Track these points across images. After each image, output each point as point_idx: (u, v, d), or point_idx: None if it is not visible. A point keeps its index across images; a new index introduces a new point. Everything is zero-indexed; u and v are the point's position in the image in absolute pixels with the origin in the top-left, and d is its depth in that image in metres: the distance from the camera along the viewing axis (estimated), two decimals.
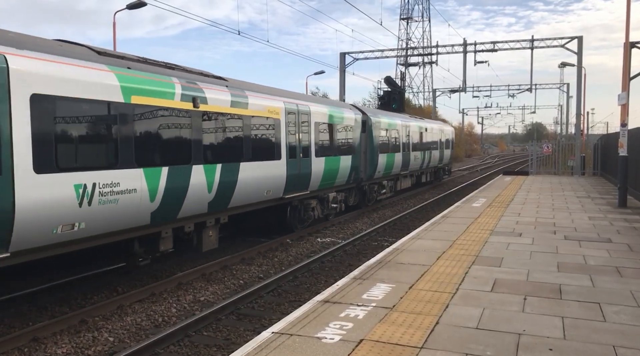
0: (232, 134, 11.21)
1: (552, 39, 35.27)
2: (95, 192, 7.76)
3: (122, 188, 8.25)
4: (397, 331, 5.43)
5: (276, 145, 12.93)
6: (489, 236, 10.80)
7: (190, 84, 10.07)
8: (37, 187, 6.91)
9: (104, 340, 7.38)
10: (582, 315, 5.94)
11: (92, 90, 7.78)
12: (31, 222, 6.87)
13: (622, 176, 15.92)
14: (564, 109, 69.27)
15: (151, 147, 8.91)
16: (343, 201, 18.08)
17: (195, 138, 9.98)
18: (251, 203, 12.21)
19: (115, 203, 8.14)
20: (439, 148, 30.76)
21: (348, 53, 40.18)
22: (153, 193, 8.88)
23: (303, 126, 14.34)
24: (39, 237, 7.08)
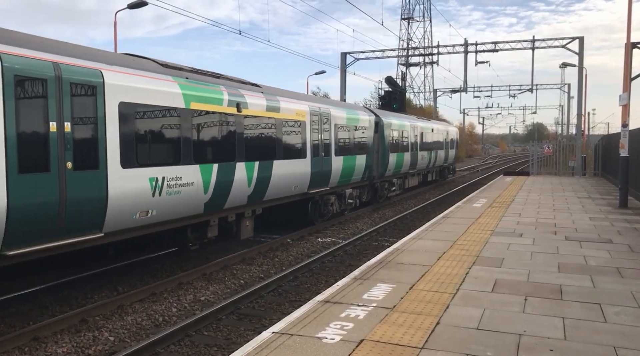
0: (267, 135, 12.63)
1: (553, 39, 35.28)
2: (164, 184, 9.21)
3: (183, 182, 9.70)
4: (398, 332, 5.42)
5: (302, 145, 14.34)
6: (489, 236, 10.80)
7: (234, 91, 11.54)
8: (123, 180, 8.34)
9: (104, 340, 7.38)
10: (583, 316, 5.93)
11: (162, 98, 9.26)
12: (119, 208, 8.26)
13: (623, 176, 15.91)
14: (565, 110, 69.31)
15: (205, 146, 10.37)
16: (358, 197, 19.21)
17: (238, 138, 11.41)
18: (281, 197, 13.57)
19: (179, 194, 9.59)
20: (444, 148, 31.90)
21: (349, 53, 40.19)
22: (206, 186, 10.31)
23: (325, 127, 15.68)
24: (123, 221, 8.47)
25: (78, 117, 7.63)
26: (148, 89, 8.97)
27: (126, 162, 8.40)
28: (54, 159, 7.22)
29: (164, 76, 9.56)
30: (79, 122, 7.65)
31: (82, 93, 7.70)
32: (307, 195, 14.88)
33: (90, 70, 7.87)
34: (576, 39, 33.42)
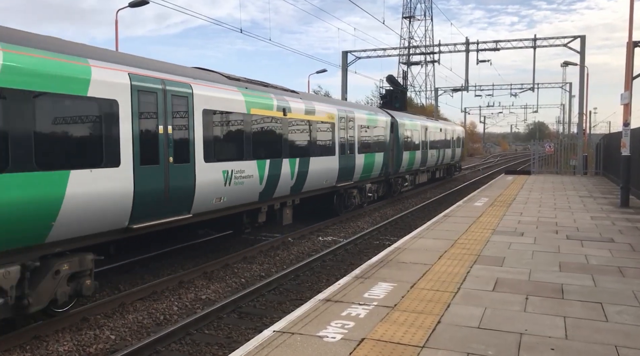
0: (305, 135, 14.50)
1: (555, 38, 35.24)
2: (232, 176, 11.09)
3: (245, 174, 11.59)
4: (399, 331, 5.42)
5: (332, 144, 16.19)
6: (490, 235, 10.79)
7: (280, 97, 13.41)
8: (205, 172, 10.20)
9: (105, 338, 7.39)
10: (584, 315, 5.92)
11: (230, 105, 11.13)
12: (202, 195, 10.11)
13: (625, 175, 15.89)
14: (567, 108, 69.21)
15: (261, 145, 12.22)
16: (375, 191, 21.00)
17: (284, 138, 13.32)
18: (315, 189, 15.44)
19: (242, 184, 11.48)
20: (451, 147, 33.67)
21: (350, 51, 40.16)
22: (261, 179, 12.22)
23: (350, 128, 17.59)
24: (205, 205, 10.35)
25: (175, 122, 9.48)
26: (220, 97, 10.86)
27: (207, 158, 10.32)
28: (162, 154, 9.09)
29: (231, 87, 11.48)
30: (176, 125, 9.51)
31: (178, 103, 9.58)
32: (335, 188, 16.85)
33: (184, 84, 9.80)
34: (578, 38, 33.36)
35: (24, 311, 6.95)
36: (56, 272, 7.34)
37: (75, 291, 7.75)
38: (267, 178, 12.45)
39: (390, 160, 21.62)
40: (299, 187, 14.20)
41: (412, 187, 26.40)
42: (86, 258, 7.84)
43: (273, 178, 12.70)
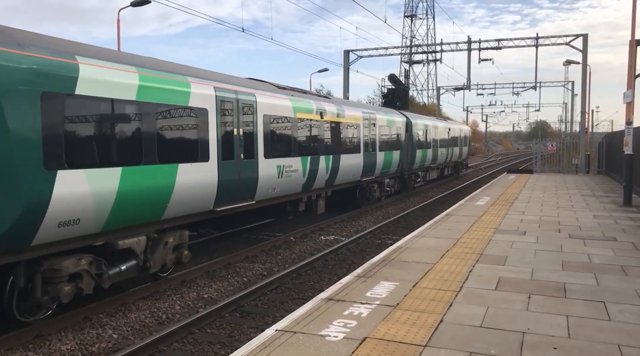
0: (337, 135, 16.56)
1: (557, 36, 35.17)
2: (283, 170, 13.13)
3: (293, 169, 13.61)
4: (401, 330, 5.42)
5: (358, 143, 18.23)
6: (493, 234, 10.78)
7: (317, 102, 15.62)
8: (265, 166, 12.25)
9: (107, 337, 7.40)
10: (587, 314, 5.91)
11: (282, 110, 13.21)
12: (263, 185, 12.21)
13: (628, 174, 15.85)
14: (569, 107, 69.06)
15: (304, 144, 14.30)
16: (392, 186, 22.89)
17: (321, 137, 15.42)
18: (344, 183, 17.50)
19: (290, 177, 13.51)
20: (458, 145, 35.70)
21: (352, 51, 40.13)
22: (304, 173, 14.26)
23: (372, 129, 19.62)
24: (264, 194, 12.42)
25: (244, 125, 11.52)
26: (275, 104, 12.92)
27: (266, 155, 12.32)
28: (235, 152, 11.15)
29: (281, 94, 13.52)
30: (245, 128, 11.55)
31: (247, 110, 11.66)
32: (359, 183, 18.85)
33: (250, 94, 11.90)
34: (580, 37, 33.28)
35: (146, 272, 9.05)
36: (165, 243, 9.39)
37: (177, 259, 9.86)
38: (309, 173, 14.63)
39: (405, 157, 23.63)
40: (332, 181, 16.34)
41: (424, 183, 28.24)
42: (184, 233, 9.94)
43: (313, 173, 14.87)
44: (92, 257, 7.88)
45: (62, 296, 7.38)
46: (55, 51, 7.25)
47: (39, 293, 7.19)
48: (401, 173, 23.76)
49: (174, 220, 9.60)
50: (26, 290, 7.17)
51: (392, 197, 23.10)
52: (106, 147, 7.93)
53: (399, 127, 23.00)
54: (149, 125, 8.68)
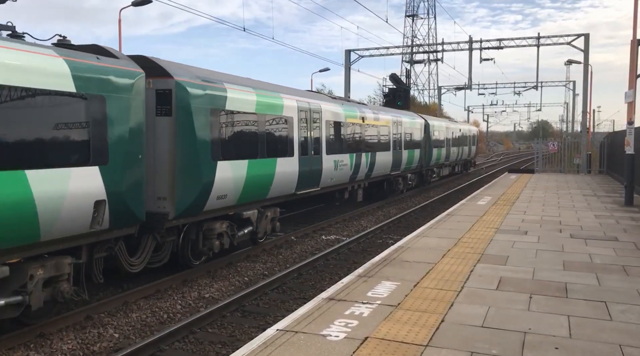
0: (374, 136, 19.87)
1: (559, 36, 35.10)
2: (338, 164, 16.30)
3: (344, 163, 16.86)
4: (402, 329, 5.42)
5: (388, 142, 21.51)
6: (494, 234, 10.77)
7: (359, 108, 19.10)
8: (327, 161, 15.46)
9: (109, 336, 7.41)
10: (588, 314, 5.91)
11: (337, 116, 16.56)
12: (325, 175, 15.41)
13: (629, 174, 15.84)
14: (570, 107, 69.00)
15: (351, 143, 17.55)
16: (412, 180, 26.04)
17: (362, 138, 18.69)
18: (377, 176, 20.82)
19: (342, 170, 16.74)
20: (468, 145, 38.83)
21: (353, 50, 40.09)
22: (351, 167, 17.54)
23: (399, 130, 22.96)
24: (325, 183, 15.56)
25: (314, 129, 14.78)
26: (334, 111, 16.39)
27: (327, 152, 15.59)
28: (309, 149, 14.39)
29: (336, 103, 17.16)
30: (314, 131, 14.80)
31: (316, 117, 14.98)
32: (388, 176, 22.11)
33: (318, 105, 15.29)
34: (581, 36, 33.22)
35: (254, 236, 12.34)
36: (266, 216, 12.74)
37: (272, 229, 13.21)
38: (354, 167, 17.80)
39: (423, 155, 26.82)
40: (369, 174, 19.64)
41: (438, 178, 31.79)
42: (277, 210, 13.35)
43: (357, 167, 18.05)
44: (229, 222, 11.17)
45: (215, 248, 10.62)
46: (216, 81, 10.65)
47: (201, 245, 10.47)
48: (420, 169, 26.93)
49: (271, 199, 12.82)
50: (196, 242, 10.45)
51: (412, 190, 26.35)
52: (240, 145, 11.30)
53: (419, 129, 26.28)
54: (262, 130, 12.01)
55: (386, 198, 22.48)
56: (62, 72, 7.12)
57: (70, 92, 7.21)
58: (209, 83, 10.25)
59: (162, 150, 9.31)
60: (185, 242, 10.18)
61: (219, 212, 10.73)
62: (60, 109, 7.09)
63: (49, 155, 6.90)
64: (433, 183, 28.89)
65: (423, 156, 26.61)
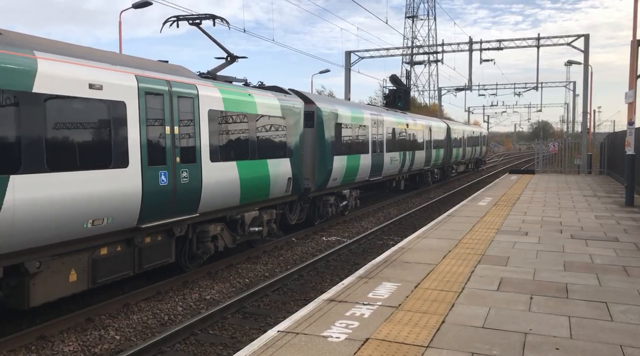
0: (414, 137, 24.74)
1: (559, 37, 35.11)
2: (391, 159, 20.92)
3: (395, 159, 21.39)
4: (403, 330, 5.42)
5: (423, 143, 26.34)
6: (495, 235, 10.77)
7: (404, 116, 23.98)
8: (387, 157, 20.46)
9: (110, 338, 7.41)
10: (589, 315, 5.91)
11: (392, 123, 21.16)
12: (385, 168, 20.33)
13: (629, 174, 15.84)
14: (571, 107, 68.95)
15: (399, 143, 22.08)
16: (437, 174, 30.97)
17: (407, 140, 23.39)
18: (415, 170, 25.71)
19: (394, 164, 21.45)
20: (479, 145, 44.45)
21: (353, 51, 40.11)
22: (400, 162, 22.17)
23: (429, 133, 27.72)
24: (385, 173, 20.44)
25: (378, 133, 19.41)
26: (389, 120, 21.12)
27: (387, 150, 20.27)
28: (377, 148, 19.01)
29: (390, 113, 22.13)
30: (378, 135, 19.49)
31: (379, 124, 19.70)
32: (421, 170, 27.10)
33: (381, 116, 20.20)
34: (582, 37, 33.22)
35: (346, 208, 17.45)
36: (352, 195, 17.79)
37: (355, 205, 18.35)
38: (402, 162, 22.67)
39: (446, 154, 31.67)
40: (410, 168, 24.61)
41: (456, 174, 36.95)
42: (358, 191, 18.54)
43: (403, 162, 22.92)
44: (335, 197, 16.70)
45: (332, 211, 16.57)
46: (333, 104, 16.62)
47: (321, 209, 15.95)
48: (443, 165, 31.97)
49: (356, 183, 18.18)
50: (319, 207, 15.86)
51: (436, 182, 31.23)
52: (344, 146, 16.53)
53: (443, 131, 31.04)
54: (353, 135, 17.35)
55: (418, 188, 27.78)
56: (276, 105, 12.66)
57: (279, 116, 12.75)
58: (330, 106, 16.08)
59: (307, 148, 14.53)
60: (313, 207, 15.63)
61: (332, 190, 16.26)
62: (277, 126, 12.64)
63: (274, 152, 12.43)
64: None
65: (446, 154, 31.74)
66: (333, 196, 16.36)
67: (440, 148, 29.89)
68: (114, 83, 7.93)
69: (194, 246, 10.16)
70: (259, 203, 12.04)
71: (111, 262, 8.21)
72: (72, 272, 7.62)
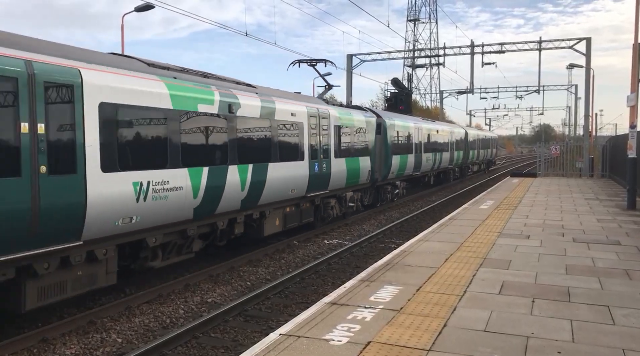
0: (441, 141, 29.71)
1: (560, 40, 35.10)
2: (426, 159, 26.45)
3: (430, 159, 27.19)
4: (405, 334, 5.42)
5: (448, 145, 31.31)
6: (496, 238, 10.77)
7: (440, 124, 31.88)
8: (423, 156, 26.03)
9: (112, 341, 7.42)
10: (591, 318, 5.91)
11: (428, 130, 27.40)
12: (422, 165, 25.93)
13: (631, 178, 15.82)
14: (572, 111, 68.94)
15: (433, 146, 27.81)
16: (457, 172, 36.96)
17: (437, 142, 28.82)
18: (442, 168, 30.81)
19: (428, 163, 27.00)
20: (490, 148, 50.32)
21: (355, 55, 40.16)
22: (432, 161, 27.63)
23: (453, 137, 32.79)
24: (422, 170, 26.19)
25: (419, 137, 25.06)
26: (425, 127, 26.89)
27: (424, 151, 25.70)
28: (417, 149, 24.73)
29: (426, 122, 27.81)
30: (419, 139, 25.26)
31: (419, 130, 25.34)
32: (446, 168, 32.33)
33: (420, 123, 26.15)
34: (583, 40, 33.23)
35: (396, 195, 22.77)
36: (400, 185, 22.99)
37: (403, 194, 23.61)
38: (434, 161, 27.91)
39: (464, 155, 36.94)
40: (439, 167, 29.83)
41: (471, 173, 43.00)
42: (404, 183, 23.39)
43: (434, 162, 28.06)
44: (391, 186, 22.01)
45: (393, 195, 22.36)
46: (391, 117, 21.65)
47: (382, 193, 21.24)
48: (462, 165, 37.52)
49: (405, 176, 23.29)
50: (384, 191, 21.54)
51: (456, 179, 36.79)
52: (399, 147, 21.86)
53: (462, 136, 36.51)
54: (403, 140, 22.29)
55: (442, 183, 32.65)
56: (363, 120, 18.15)
57: (363, 128, 18.08)
58: (390, 118, 21.45)
59: (376, 150, 19.46)
60: (377, 193, 20.84)
61: (390, 180, 21.62)
62: (364, 134, 18.05)
63: (363, 152, 17.72)
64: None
65: (464, 155, 37.00)
66: (390, 185, 21.98)
67: (460, 150, 35.42)
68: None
69: (321, 211, 15.66)
70: (353, 187, 17.61)
71: (291, 216, 13.79)
72: (277, 219, 13.15)
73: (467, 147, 37.71)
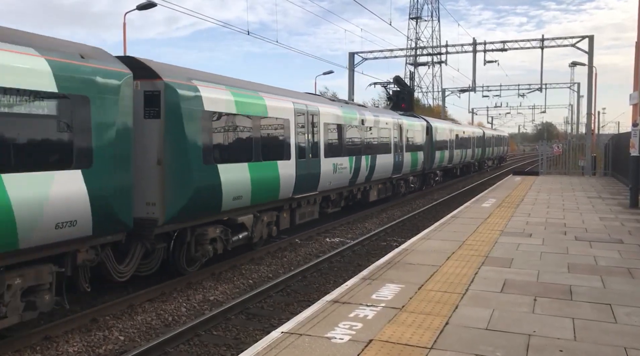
0: (466, 140, 36.40)
1: (563, 38, 35.06)
2: (455, 154, 32.49)
3: (457, 155, 33.39)
4: (407, 332, 5.43)
5: (471, 143, 37.61)
6: (498, 236, 10.76)
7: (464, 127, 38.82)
8: (454, 152, 32.49)
9: (114, 339, 7.44)
10: (593, 317, 5.90)
11: (459, 131, 34.39)
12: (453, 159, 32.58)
13: (634, 176, 15.79)
14: (575, 109, 68.81)
15: (463, 144, 34.93)
16: (476, 166, 42.38)
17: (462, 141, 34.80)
18: (466, 162, 37.37)
19: (456, 157, 33.13)
20: (502, 145, 57.45)
21: (357, 53, 40.13)
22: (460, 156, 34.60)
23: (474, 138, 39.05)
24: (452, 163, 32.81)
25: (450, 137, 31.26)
26: (456, 129, 33.62)
27: (455, 148, 32.45)
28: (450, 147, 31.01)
29: (454, 125, 35.26)
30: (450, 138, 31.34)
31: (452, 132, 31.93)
32: (467, 163, 37.89)
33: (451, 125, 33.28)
34: (586, 38, 33.18)
35: (436, 183, 29.65)
36: (439, 174, 30.07)
37: (441, 181, 30.77)
38: (461, 156, 33.32)
39: (481, 151, 42.80)
40: (464, 160, 35.54)
41: (487, 167, 48.20)
42: (440, 172, 30.42)
43: (462, 157, 33.69)
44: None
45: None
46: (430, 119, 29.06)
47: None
48: (480, 160, 43.65)
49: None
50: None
51: (476, 172, 42.69)
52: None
53: (480, 136, 42.33)
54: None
55: (465, 175, 38.31)
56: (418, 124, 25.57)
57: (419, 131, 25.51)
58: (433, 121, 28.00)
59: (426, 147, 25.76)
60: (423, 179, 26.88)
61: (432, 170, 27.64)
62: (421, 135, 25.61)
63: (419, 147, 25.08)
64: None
65: (482, 152, 43.23)
66: (432, 173, 27.71)
67: (479, 148, 41.48)
68: None
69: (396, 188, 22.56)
70: (412, 173, 24.10)
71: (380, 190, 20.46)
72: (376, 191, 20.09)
73: (484, 145, 44.25)
